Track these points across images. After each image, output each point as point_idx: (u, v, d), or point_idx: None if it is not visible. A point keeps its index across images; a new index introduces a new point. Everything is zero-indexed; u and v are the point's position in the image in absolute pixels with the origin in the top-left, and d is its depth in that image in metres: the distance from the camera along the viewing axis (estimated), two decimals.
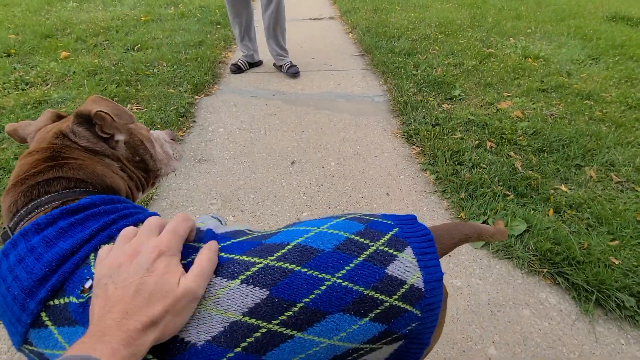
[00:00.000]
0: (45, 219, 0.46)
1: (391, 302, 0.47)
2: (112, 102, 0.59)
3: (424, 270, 0.50)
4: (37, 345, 0.42)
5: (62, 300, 0.42)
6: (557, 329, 1.15)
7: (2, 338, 1.09)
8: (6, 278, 0.43)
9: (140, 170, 0.67)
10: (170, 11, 4.10)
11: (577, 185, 1.69)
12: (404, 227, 0.54)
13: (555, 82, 2.62)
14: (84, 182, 0.53)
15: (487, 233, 0.64)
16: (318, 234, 0.50)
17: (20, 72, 2.62)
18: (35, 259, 0.43)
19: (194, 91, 2.47)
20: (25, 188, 0.50)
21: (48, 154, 0.53)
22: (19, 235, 0.45)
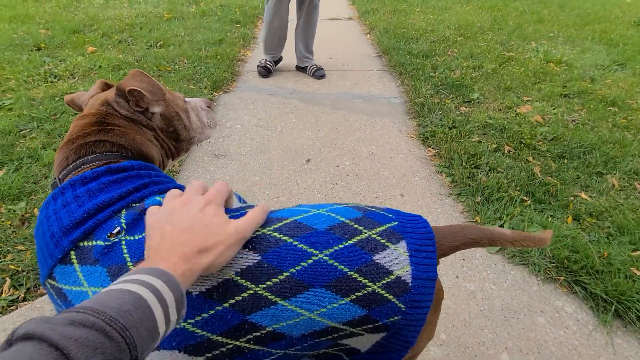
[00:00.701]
0: (91, 174, 0.52)
1: (374, 288, 0.47)
2: (148, 78, 0.63)
3: (414, 266, 0.49)
4: (59, 280, 0.47)
5: (91, 243, 0.47)
6: (573, 338, 1.12)
7: (28, 318, 1.14)
8: (50, 218, 0.49)
9: (172, 139, 0.71)
10: (192, 9, 4.18)
11: (598, 193, 1.65)
12: (404, 222, 0.54)
13: (577, 87, 2.56)
14: (124, 148, 0.60)
15: (503, 238, 0.56)
16: (316, 215, 0.53)
17: (50, 65, 2.72)
18: (78, 206, 0.49)
19: (213, 88, 2.52)
20: (76, 146, 0.57)
21: (95, 119, 0.60)
22: (67, 184, 0.52)
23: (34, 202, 1.54)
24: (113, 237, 0.47)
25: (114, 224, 0.48)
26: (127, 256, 0.46)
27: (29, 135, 1.95)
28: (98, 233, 0.48)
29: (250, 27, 3.81)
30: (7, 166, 1.73)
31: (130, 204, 0.51)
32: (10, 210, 1.49)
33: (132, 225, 0.49)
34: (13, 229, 1.42)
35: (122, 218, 0.49)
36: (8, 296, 1.21)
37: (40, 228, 0.51)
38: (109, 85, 0.71)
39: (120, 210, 0.50)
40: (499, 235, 0.57)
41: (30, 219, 1.47)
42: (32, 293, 1.23)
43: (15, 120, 2.03)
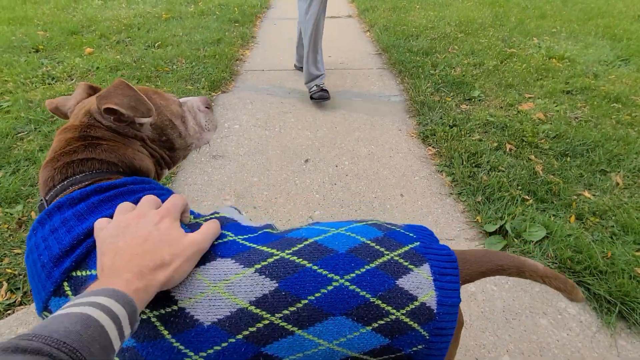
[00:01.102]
0: (79, 195, 0.49)
1: (397, 315, 0.45)
2: (131, 92, 0.58)
3: (439, 291, 0.47)
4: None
5: (84, 273, 0.45)
6: (576, 340, 1.10)
7: (24, 322, 1.13)
8: (39, 246, 0.47)
9: (165, 149, 0.66)
10: (190, 9, 4.17)
11: (601, 191, 1.62)
12: (426, 243, 0.51)
13: (580, 83, 2.52)
14: (114, 165, 0.56)
15: (533, 272, 0.52)
16: (335, 235, 0.50)
17: (48, 67, 2.72)
18: (67, 231, 0.46)
19: (211, 88, 2.50)
20: (61, 165, 0.53)
21: (79, 133, 0.56)
22: (54, 207, 0.48)
23: (31, 205, 1.53)
24: None
25: None
26: None
27: (27, 138, 1.94)
28: (91, 261, 0.45)
29: (249, 26, 3.79)
30: (4, 169, 1.72)
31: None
32: (7, 214, 1.48)
33: None
34: (10, 232, 1.41)
35: None
36: (5, 300, 1.20)
37: (31, 257, 0.48)
38: (95, 88, 0.67)
39: None
40: (530, 267, 0.53)
41: (27, 222, 1.46)
42: (29, 297, 1.22)
43: (12, 123, 2.02)
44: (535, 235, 1.39)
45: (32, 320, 1.14)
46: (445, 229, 1.48)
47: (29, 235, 0.50)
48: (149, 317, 0.42)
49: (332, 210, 1.57)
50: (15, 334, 1.10)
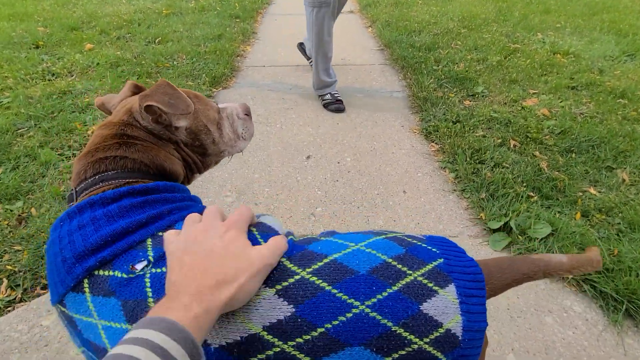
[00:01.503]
0: (112, 195, 0.49)
1: (420, 345, 0.42)
2: (172, 91, 0.58)
3: (465, 315, 0.43)
4: (69, 308, 0.44)
5: (107, 273, 0.44)
6: (582, 338, 1.09)
7: (24, 319, 1.13)
8: (63, 239, 0.46)
9: (197, 154, 0.66)
10: (191, 5, 4.14)
11: (607, 188, 1.60)
12: (450, 259, 0.48)
13: (585, 79, 2.49)
14: (146, 165, 0.56)
15: (560, 268, 0.50)
16: (355, 252, 0.47)
17: (48, 63, 2.70)
18: (95, 230, 0.45)
19: (212, 84, 2.48)
20: (95, 160, 0.54)
21: (116, 131, 0.57)
22: (86, 204, 0.48)
23: (31, 202, 1.52)
24: (137, 271, 0.43)
25: (137, 255, 0.45)
26: (150, 291, 0.42)
27: (27, 134, 1.93)
28: (117, 263, 0.44)
29: (249, 21, 3.76)
30: (4, 165, 1.71)
31: (156, 232, 0.47)
32: (7, 210, 1.47)
33: (161, 258, 0.45)
34: (10, 229, 1.40)
35: (149, 250, 0.45)
36: (5, 297, 1.19)
37: (52, 249, 0.47)
38: (139, 87, 0.68)
39: (144, 240, 0.46)
40: (556, 265, 0.50)
41: (27, 218, 1.46)
42: (29, 294, 1.21)
43: (12, 119, 2.01)
44: (540, 232, 1.37)
45: (32, 317, 1.13)
46: (448, 225, 1.46)
47: (55, 226, 0.49)
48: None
49: (334, 207, 1.55)
50: (16, 330, 1.10)
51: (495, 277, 0.49)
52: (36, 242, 1.34)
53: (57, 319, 1.12)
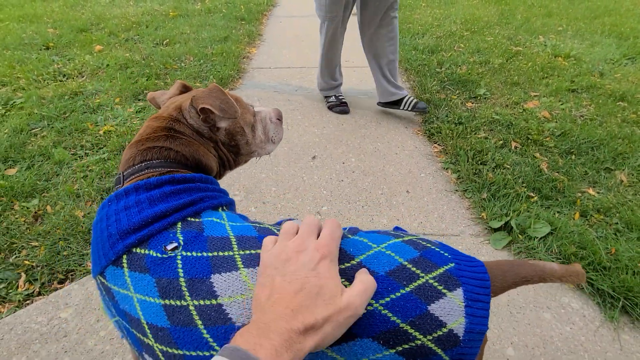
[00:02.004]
0: (156, 181, 0.54)
1: (424, 341, 0.45)
2: (224, 96, 0.64)
3: (469, 318, 0.46)
4: (109, 280, 0.49)
5: (143, 251, 0.48)
6: (580, 334, 1.12)
7: (43, 312, 1.18)
8: (110, 217, 0.51)
9: (232, 153, 0.72)
10: (197, 7, 4.20)
11: (606, 189, 1.64)
12: (460, 264, 0.51)
13: (586, 82, 2.52)
14: (185, 158, 0.62)
15: (553, 275, 0.54)
16: (377, 254, 0.50)
17: (59, 64, 2.76)
18: (138, 211, 0.51)
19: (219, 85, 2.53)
20: (144, 149, 0.60)
21: (165, 124, 0.63)
22: (132, 188, 0.54)
23: (46, 200, 1.57)
24: (170, 252, 0.48)
25: (168, 237, 0.49)
26: (181, 271, 0.46)
27: (40, 134, 1.99)
28: (152, 242, 0.49)
29: (255, 24, 3.81)
30: (19, 164, 1.77)
31: (186, 217, 0.52)
32: (24, 208, 1.53)
33: (190, 242, 0.49)
34: (27, 226, 1.45)
35: (178, 233, 0.50)
36: (23, 291, 1.24)
37: (99, 225, 0.52)
38: (187, 87, 0.74)
39: (175, 223, 0.51)
40: (550, 271, 0.54)
41: (43, 215, 1.51)
42: (47, 288, 1.26)
43: (26, 119, 2.07)
44: (540, 231, 1.41)
45: (51, 310, 1.18)
46: (450, 224, 1.50)
47: (103, 205, 0.55)
48: (187, 304, 0.44)
49: (339, 206, 1.59)
50: (36, 322, 1.15)
51: (497, 280, 0.52)
52: (52, 239, 1.39)
53: (75, 312, 1.17)
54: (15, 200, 1.56)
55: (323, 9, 1.99)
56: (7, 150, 1.82)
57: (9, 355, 1.06)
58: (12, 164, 1.77)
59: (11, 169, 1.74)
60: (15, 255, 1.34)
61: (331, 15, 2.00)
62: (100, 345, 1.08)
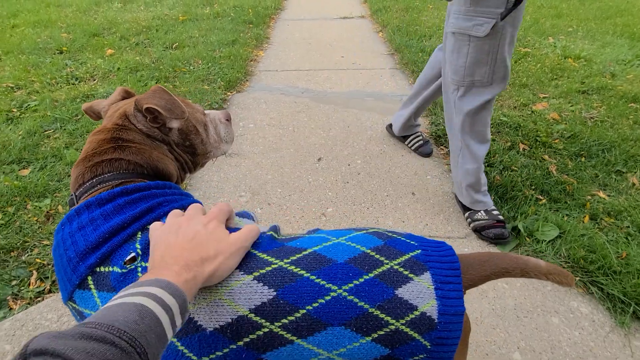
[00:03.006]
0: (107, 195, 0.52)
1: (397, 326, 0.45)
2: (168, 96, 0.63)
3: (440, 300, 0.46)
4: (79, 304, 0.48)
5: (107, 269, 0.48)
6: (589, 339, 1.10)
7: (54, 309, 1.20)
8: (66, 241, 0.50)
9: (188, 154, 0.71)
10: (206, 11, 4.26)
11: (616, 192, 1.61)
12: (427, 250, 0.50)
13: (597, 83, 2.48)
14: (140, 166, 0.60)
15: (537, 270, 0.52)
16: (335, 245, 0.50)
17: (71, 68, 2.83)
18: (93, 229, 0.49)
19: (226, 88, 2.56)
20: (92, 164, 0.57)
21: (111, 135, 0.60)
22: (83, 206, 0.52)
23: (58, 200, 1.61)
24: (129, 265, 0.47)
25: (129, 249, 0.48)
26: None
27: (53, 136, 2.04)
28: (114, 258, 0.48)
29: (262, 27, 3.85)
30: (32, 165, 1.81)
31: (146, 225, 0.51)
32: (36, 207, 1.57)
33: (147, 250, 0.48)
34: (39, 225, 1.49)
35: (137, 243, 0.49)
36: (35, 288, 1.27)
37: (58, 250, 0.51)
38: (130, 92, 0.73)
39: (135, 234, 0.50)
40: (533, 266, 0.53)
41: (54, 215, 1.54)
42: (57, 285, 1.29)
43: (39, 121, 2.12)
44: (548, 234, 1.39)
45: (60, 307, 1.21)
46: (456, 227, 1.49)
47: (57, 230, 0.53)
48: None
49: (344, 208, 1.60)
50: (46, 319, 1.17)
51: (474, 269, 0.51)
52: None
53: None
54: (28, 200, 1.60)
55: (461, 72, 1.29)
56: (21, 152, 1.87)
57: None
58: (26, 165, 1.82)
59: (25, 169, 1.79)
60: (28, 254, 1.38)
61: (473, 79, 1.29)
62: None
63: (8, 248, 1.38)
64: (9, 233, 1.44)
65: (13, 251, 1.38)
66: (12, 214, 1.52)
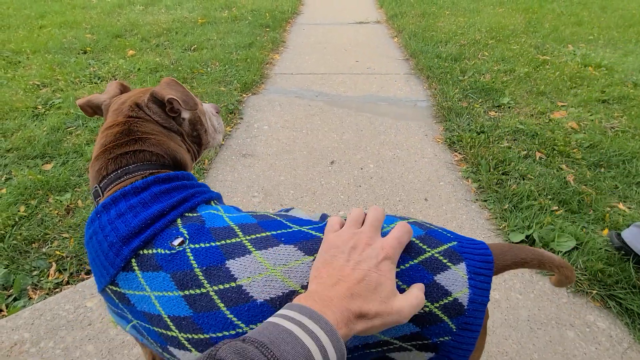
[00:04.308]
0: (142, 184, 0.55)
1: (431, 308, 0.48)
2: (182, 88, 0.65)
3: (472, 289, 0.49)
4: (122, 286, 0.50)
5: (151, 251, 0.50)
6: (606, 355, 1.07)
7: (71, 300, 1.24)
8: (105, 228, 0.52)
9: (195, 144, 0.73)
10: (224, 14, 4.34)
11: (637, 204, 1.56)
12: (463, 242, 0.54)
13: (618, 92, 2.42)
14: (162, 157, 0.61)
15: (551, 262, 0.56)
16: (385, 233, 0.52)
17: (94, 67, 2.93)
18: (134, 216, 0.52)
19: (242, 90, 2.61)
20: (114, 156, 0.58)
21: (128, 127, 0.61)
22: (119, 195, 0.54)
23: (78, 194, 1.66)
24: (177, 247, 0.49)
25: (172, 234, 0.51)
26: (194, 262, 0.48)
27: (75, 132, 2.11)
28: (157, 241, 0.50)
29: (279, 31, 3.90)
30: (55, 160, 1.88)
31: (183, 213, 0.54)
32: (57, 201, 1.62)
33: (195, 234, 0.50)
34: (59, 218, 1.54)
35: (181, 228, 0.51)
36: (54, 279, 1.32)
37: (95, 239, 0.52)
38: (125, 86, 0.73)
39: (175, 220, 0.52)
40: (548, 258, 0.56)
41: (74, 209, 1.59)
42: (75, 277, 1.33)
43: (63, 118, 2.20)
44: (564, 245, 1.36)
45: (78, 299, 1.24)
46: (469, 235, 1.47)
47: (91, 219, 0.54)
48: (207, 291, 0.46)
49: None
50: (64, 309, 1.21)
51: (497, 258, 0.55)
52: (81, 231, 1.46)
53: (100, 302, 1.23)
54: (50, 193, 1.66)
55: None
56: (45, 147, 1.94)
57: (38, 339, 1.12)
58: (49, 160, 1.89)
59: (47, 164, 1.86)
60: (48, 246, 1.43)
61: None
62: (121, 336, 1.12)
63: (30, 239, 1.44)
64: (31, 225, 1.49)
65: (34, 242, 1.43)
66: (34, 207, 1.58)
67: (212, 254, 0.49)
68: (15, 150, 1.94)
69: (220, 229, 0.52)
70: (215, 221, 0.53)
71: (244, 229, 0.52)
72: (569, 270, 0.57)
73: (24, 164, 1.85)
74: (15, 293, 1.27)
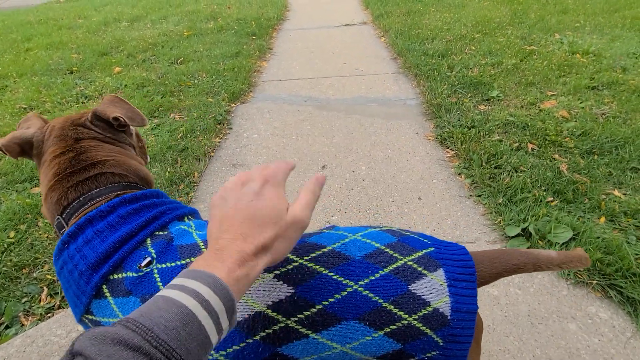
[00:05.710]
0: (107, 207, 0.53)
1: (410, 321, 0.45)
2: (126, 104, 0.64)
3: (454, 297, 0.46)
4: (97, 314, 0.49)
5: (120, 275, 0.49)
6: (609, 346, 1.05)
7: (63, 325, 1.22)
8: (74, 257, 0.50)
9: (142, 155, 0.73)
10: (210, 25, 4.35)
11: (633, 190, 1.54)
12: (440, 249, 0.51)
13: (607, 78, 2.42)
14: (125, 176, 0.59)
15: (550, 262, 0.51)
16: (353, 242, 0.51)
17: (81, 87, 2.92)
18: (101, 241, 0.50)
19: (230, 99, 2.60)
20: (73, 184, 0.55)
21: (80, 151, 0.58)
22: (84, 221, 0.52)
23: None
24: (145, 268, 0.48)
25: (142, 254, 0.49)
26: (160, 284, 0.47)
27: None
28: (127, 265, 0.49)
29: (265, 38, 3.90)
30: None
31: (153, 232, 0.52)
32: (47, 224, 1.60)
33: (162, 253, 0.49)
34: (49, 241, 1.52)
35: (149, 247, 0.50)
36: (45, 304, 1.29)
37: (65, 268, 0.51)
38: (42, 117, 0.67)
39: (144, 240, 0.51)
40: (545, 258, 0.52)
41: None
42: (67, 301, 1.30)
43: None
44: (561, 236, 1.34)
45: (70, 323, 1.22)
46: (465, 231, 1.46)
47: (58, 249, 0.52)
48: None
49: (349, 215, 1.58)
50: (55, 335, 1.18)
51: (485, 266, 0.51)
52: None
53: None
54: (39, 217, 1.63)
55: None
56: (32, 170, 1.92)
57: None
58: (37, 183, 1.87)
59: (36, 187, 1.83)
60: (39, 270, 1.40)
61: None
62: None
63: (20, 265, 1.41)
64: (21, 250, 1.47)
65: (24, 268, 1.41)
66: (24, 232, 1.56)
67: (177, 274, 0.47)
68: (4, 175, 1.92)
69: (186, 246, 0.50)
70: (183, 238, 0.52)
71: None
72: (576, 259, 0.52)
73: (13, 189, 1.83)
74: (6, 321, 1.25)
